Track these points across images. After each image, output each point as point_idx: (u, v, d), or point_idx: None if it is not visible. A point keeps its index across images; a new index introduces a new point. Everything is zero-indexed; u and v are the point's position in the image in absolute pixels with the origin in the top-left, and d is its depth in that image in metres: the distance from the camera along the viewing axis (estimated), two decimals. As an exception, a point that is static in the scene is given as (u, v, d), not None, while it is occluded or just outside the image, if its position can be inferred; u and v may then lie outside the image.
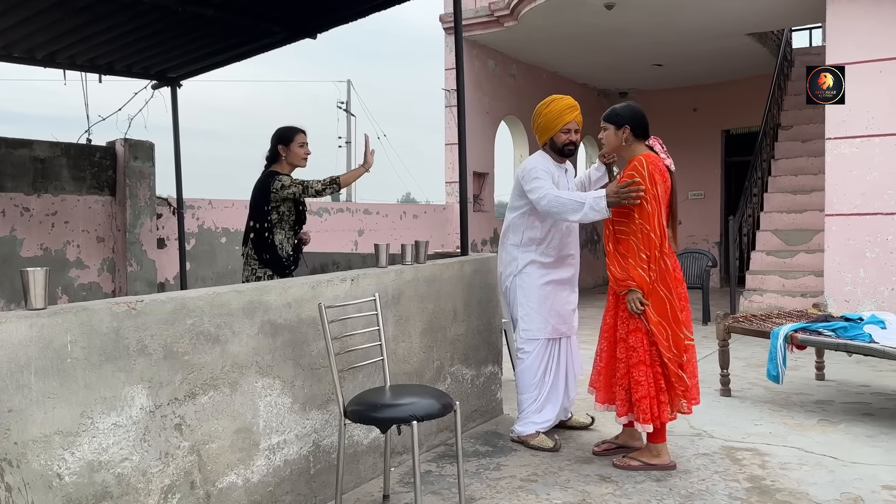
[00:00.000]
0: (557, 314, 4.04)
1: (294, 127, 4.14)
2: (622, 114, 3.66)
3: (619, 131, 3.65)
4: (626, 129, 3.63)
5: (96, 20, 4.70)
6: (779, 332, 4.60)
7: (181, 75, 6.14)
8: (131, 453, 2.51)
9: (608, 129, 3.70)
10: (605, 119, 3.72)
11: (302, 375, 3.17)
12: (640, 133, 3.65)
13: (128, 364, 2.50)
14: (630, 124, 3.62)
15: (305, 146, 4.15)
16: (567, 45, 10.01)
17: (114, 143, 6.12)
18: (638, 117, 3.65)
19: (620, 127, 3.64)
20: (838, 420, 4.38)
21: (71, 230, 5.76)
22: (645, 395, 3.48)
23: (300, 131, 4.15)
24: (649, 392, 3.49)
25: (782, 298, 8.21)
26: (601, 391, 3.73)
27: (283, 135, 4.13)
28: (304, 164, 4.19)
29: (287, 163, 4.15)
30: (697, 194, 13.24)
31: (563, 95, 4.11)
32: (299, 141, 4.12)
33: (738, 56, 10.66)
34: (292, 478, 3.12)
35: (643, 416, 3.48)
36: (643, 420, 3.48)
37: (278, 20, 5.03)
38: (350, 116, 27.93)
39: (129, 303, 2.52)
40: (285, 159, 4.14)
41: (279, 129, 4.15)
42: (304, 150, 4.14)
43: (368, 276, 3.56)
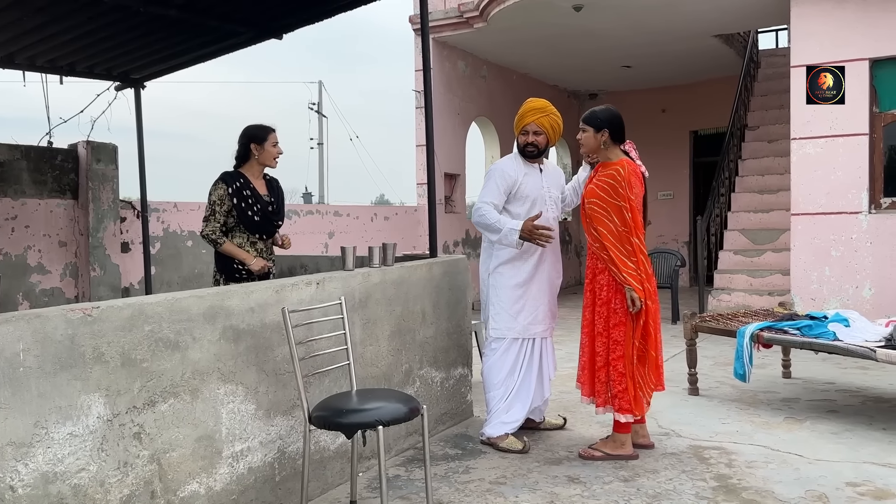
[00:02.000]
0: (530, 314, 4.02)
1: (266, 126, 4.01)
2: (602, 117, 3.72)
3: (597, 134, 3.72)
4: (605, 133, 3.70)
5: (55, 20, 4.59)
6: (745, 330, 4.64)
7: (145, 76, 6.03)
8: (88, 463, 2.45)
9: (587, 132, 3.75)
10: (584, 121, 3.78)
11: (266, 381, 3.12)
12: (617, 137, 3.72)
13: (84, 372, 2.44)
14: (609, 128, 3.69)
15: (278, 145, 4.03)
16: (537, 46, 10.04)
17: (76, 145, 5.99)
18: (616, 121, 3.73)
19: (599, 130, 3.71)
20: (804, 417, 4.43)
21: (32, 235, 5.63)
22: (626, 387, 3.60)
23: (272, 130, 4.00)
24: (631, 384, 3.61)
25: (750, 297, 8.30)
26: (587, 385, 3.81)
27: (255, 134, 3.97)
28: (274, 164, 4.05)
29: (258, 163, 4.00)
30: (667, 194, 13.34)
31: (536, 98, 4.15)
32: (272, 140, 3.99)
33: (705, 57, 10.77)
34: (257, 485, 3.07)
35: (625, 406, 3.60)
36: (623, 410, 3.60)
37: (243, 21, 4.97)
38: (322, 117, 27.79)
39: (84, 309, 2.46)
40: (257, 159, 3.98)
41: (250, 127, 4.00)
42: (276, 149, 4.01)
43: (334, 280, 3.52)
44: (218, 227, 3.89)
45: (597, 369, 3.70)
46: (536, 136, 4.01)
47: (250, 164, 4.01)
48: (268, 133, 3.99)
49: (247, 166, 4.02)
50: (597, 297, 3.72)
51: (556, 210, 4.13)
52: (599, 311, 3.70)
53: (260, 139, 3.97)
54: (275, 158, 4.03)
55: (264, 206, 4.01)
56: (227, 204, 3.91)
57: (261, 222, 4.00)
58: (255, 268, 3.95)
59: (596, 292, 3.73)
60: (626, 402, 3.61)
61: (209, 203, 3.91)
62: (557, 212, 4.15)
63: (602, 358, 3.68)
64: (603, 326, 3.67)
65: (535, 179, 4.06)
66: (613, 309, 3.64)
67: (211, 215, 3.91)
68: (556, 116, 4.06)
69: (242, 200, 3.93)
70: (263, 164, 4.03)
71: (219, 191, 3.91)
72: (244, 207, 3.93)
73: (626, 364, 3.61)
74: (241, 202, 3.93)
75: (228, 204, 3.91)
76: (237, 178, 3.96)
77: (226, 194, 3.91)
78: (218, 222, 3.91)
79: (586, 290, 3.84)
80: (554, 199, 4.12)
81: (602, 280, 3.71)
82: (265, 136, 3.98)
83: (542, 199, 4.05)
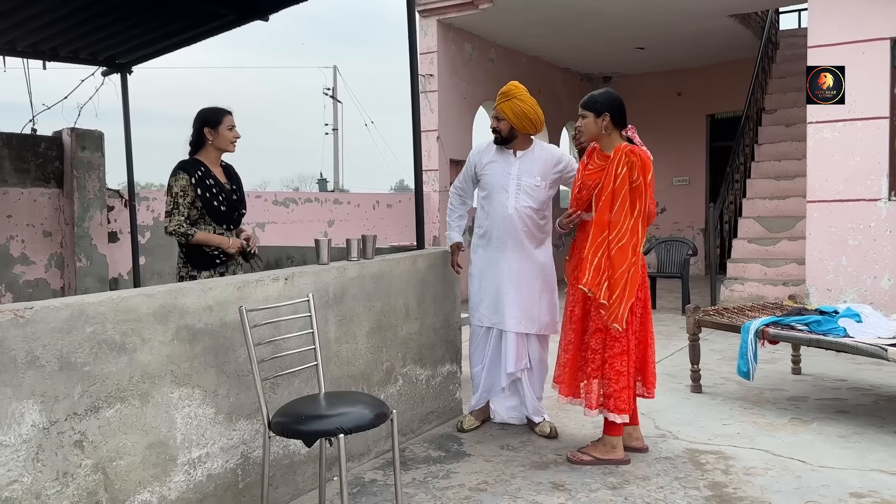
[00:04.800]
0: (488, 304, 4.02)
1: (220, 108, 3.73)
2: (601, 101, 3.50)
3: (598, 119, 3.51)
4: (606, 117, 3.48)
5: (30, 3, 4.42)
6: (749, 326, 4.40)
7: (131, 61, 5.85)
8: (21, 475, 2.29)
9: (587, 117, 3.55)
10: (583, 106, 3.56)
11: (227, 384, 2.94)
12: (618, 121, 3.51)
13: (15, 378, 2.28)
14: (609, 111, 3.48)
15: (234, 129, 3.74)
16: (545, 28, 9.75)
17: (60, 132, 5.84)
18: (617, 104, 3.51)
19: (600, 115, 3.50)
20: (811, 418, 4.19)
21: (14, 224, 5.49)
22: (625, 385, 3.42)
23: (227, 113, 3.73)
24: (629, 382, 3.43)
25: (764, 287, 8.02)
26: (565, 385, 3.60)
27: (207, 117, 3.69)
28: (232, 148, 3.78)
29: (214, 147, 3.72)
30: (682, 180, 13.03)
31: (513, 82, 4.00)
32: (227, 123, 3.71)
33: (721, 38, 10.42)
34: (217, 493, 2.90)
35: (622, 406, 3.41)
36: (619, 411, 3.41)
37: (226, 1, 4.76)
38: (337, 103, 27.61)
39: (15, 311, 2.29)
40: (212, 143, 3.70)
41: (202, 110, 3.72)
42: (232, 133, 3.73)
43: (305, 275, 3.33)
44: (183, 220, 3.61)
45: (591, 370, 3.48)
46: (497, 121, 3.94)
47: (206, 150, 3.72)
48: (222, 116, 3.70)
49: (203, 153, 3.72)
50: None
51: (527, 199, 3.91)
52: (596, 306, 3.45)
53: (214, 123, 3.68)
54: (231, 142, 3.74)
55: (228, 194, 3.76)
56: (191, 195, 3.63)
57: (227, 212, 3.75)
58: (234, 249, 3.74)
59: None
60: (622, 402, 3.40)
61: (170, 196, 3.61)
62: (531, 201, 3.92)
63: (599, 356, 3.45)
64: (602, 322, 3.42)
65: (502, 167, 3.95)
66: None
67: (174, 208, 3.61)
68: (519, 101, 3.85)
69: (206, 190, 3.66)
70: (220, 148, 3.74)
71: (181, 181, 3.61)
72: (209, 198, 3.66)
73: (626, 361, 3.42)
74: (206, 192, 3.65)
75: (192, 195, 3.63)
76: (198, 166, 3.67)
77: (188, 184, 3.62)
78: (182, 215, 3.62)
79: (572, 285, 3.63)
80: (527, 187, 3.91)
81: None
82: (219, 119, 3.69)
83: (503, 188, 3.92)
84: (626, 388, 3.42)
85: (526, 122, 3.87)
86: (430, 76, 9.27)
